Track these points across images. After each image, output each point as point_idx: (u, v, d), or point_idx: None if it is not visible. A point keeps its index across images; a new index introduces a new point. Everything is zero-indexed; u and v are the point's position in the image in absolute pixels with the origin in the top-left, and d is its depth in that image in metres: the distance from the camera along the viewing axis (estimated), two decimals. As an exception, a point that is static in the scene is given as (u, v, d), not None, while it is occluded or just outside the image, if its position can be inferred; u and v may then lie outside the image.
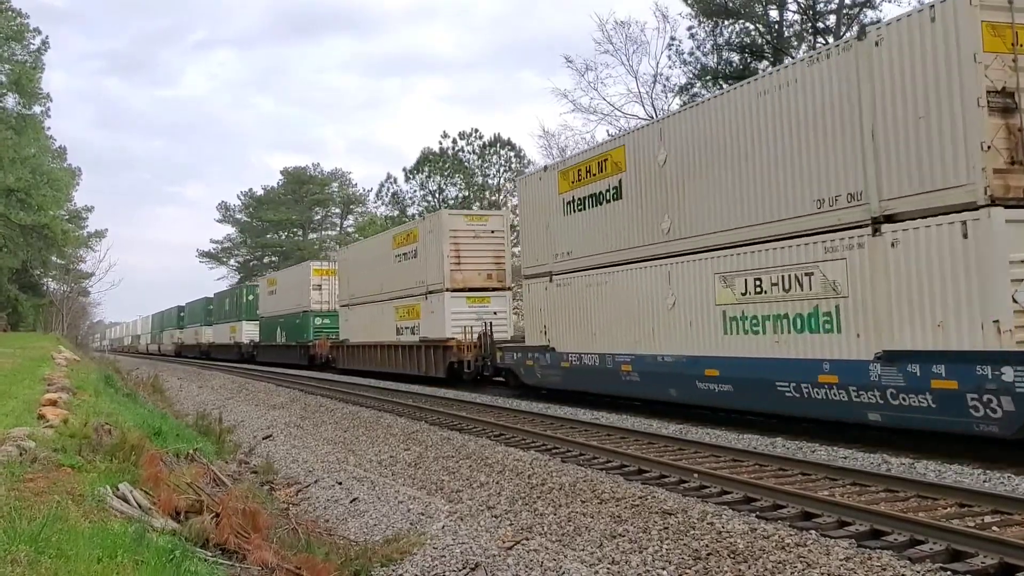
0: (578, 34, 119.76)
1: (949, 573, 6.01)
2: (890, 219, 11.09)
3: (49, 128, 56.75)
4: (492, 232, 27.30)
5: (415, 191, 69.91)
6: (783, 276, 12.77)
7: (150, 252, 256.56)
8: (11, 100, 52.07)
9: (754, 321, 13.42)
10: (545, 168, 21.18)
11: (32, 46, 51.61)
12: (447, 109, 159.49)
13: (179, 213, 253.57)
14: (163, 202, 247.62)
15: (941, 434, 10.73)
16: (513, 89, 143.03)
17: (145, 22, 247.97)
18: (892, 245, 10.99)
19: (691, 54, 35.86)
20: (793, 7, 33.96)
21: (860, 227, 11.51)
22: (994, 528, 7.08)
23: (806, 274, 12.33)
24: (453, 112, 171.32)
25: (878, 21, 24.04)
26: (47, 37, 52.25)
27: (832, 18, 32.62)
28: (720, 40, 34.95)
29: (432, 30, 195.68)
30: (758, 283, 13.27)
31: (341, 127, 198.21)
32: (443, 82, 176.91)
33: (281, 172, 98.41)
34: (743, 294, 13.57)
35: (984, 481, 9.14)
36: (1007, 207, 9.89)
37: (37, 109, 53.84)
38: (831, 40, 31.55)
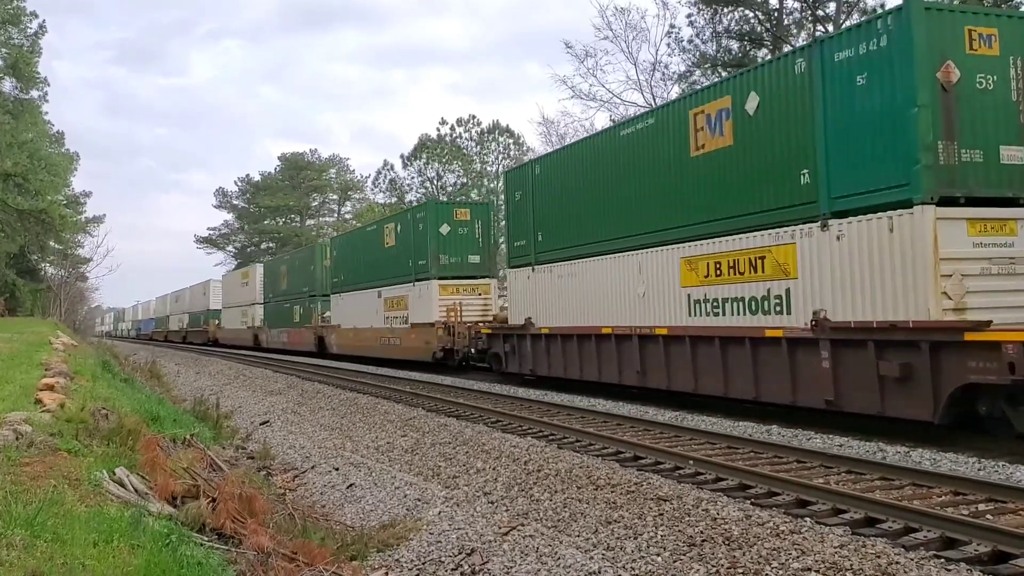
0: (583, 25, 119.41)
1: (943, 560, 6.03)
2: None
3: (47, 113, 56.60)
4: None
5: (413, 178, 69.86)
6: None
7: (153, 238, 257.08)
8: (8, 84, 51.93)
9: None
10: None
11: (29, 30, 51.38)
12: (452, 99, 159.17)
13: (183, 200, 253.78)
14: (167, 189, 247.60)
15: (936, 423, 10.72)
16: (518, 80, 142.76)
17: (155, 14, 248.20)
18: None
19: (690, 42, 35.78)
20: (793, -6, 33.85)
21: None
22: (988, 516, 7.11)
23: None
24: (458, 102, 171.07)
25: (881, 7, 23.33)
26: (44, 21, 52.00)
27: (832, 6, 32.50)
28: (719, 28, 34.84)
29: (439, 21, 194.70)
30: None
31: (346, 116, 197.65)
32: (449, 72, 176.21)
33: (279, 158, 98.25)
34: None
35: (979, 469, 9.18)
36: None
37: (35, 94, 53.72)
38: (830, 28, 31.47)
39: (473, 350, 23.93)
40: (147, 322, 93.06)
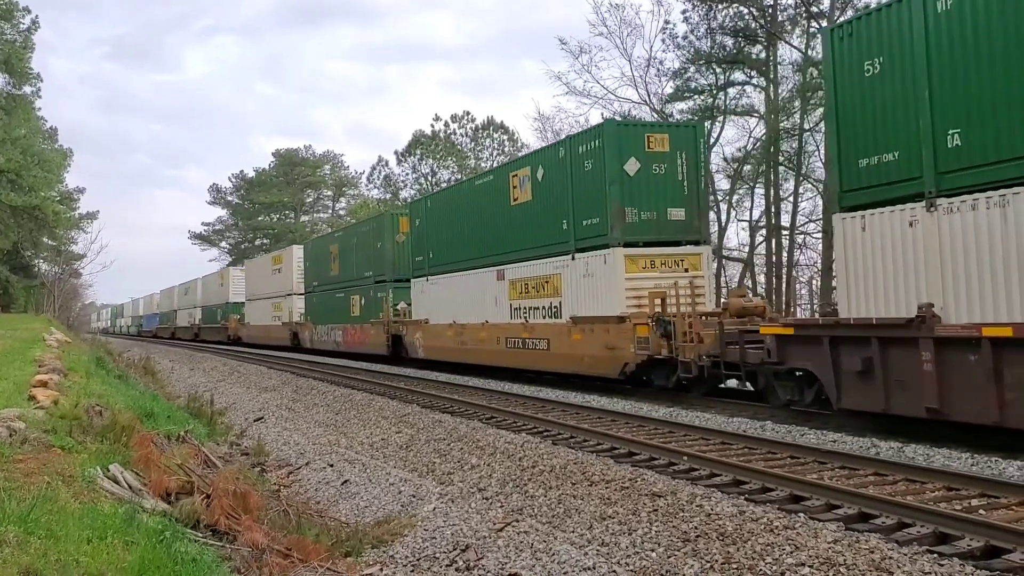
0: (579, 22, 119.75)
1: (936, 556, 6.05)
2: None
3: (40, 109, 56.51)
4: None
5: (407, 174, 69.82)
6: None
7: (149, 235, 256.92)
8: (1, 80, 51.82)
9: None
10: None
11: (22, 25, 51.23)
12: (448, 96, 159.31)
13: (178, 196, 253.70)
14: (163, 185, 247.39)
15: (930, 420, 10.74)
16: (514, 76, 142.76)
17: (150, 10, 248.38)
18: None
19: (685, 38, 35.77)
20: (787, -9, 33.88)
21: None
22: (981, 511, 7.14)
23: None
24: (454, 98, 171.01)
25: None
26: (37, 17, 51.87)
27: (826, 1, 32.52)
28: (714, 24, 34.85)
29: (435, 18, 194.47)
30: None
31: (341, 113, 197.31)
32: (445, 69, 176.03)
33: (273, 154, 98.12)
34: None
35: (972, 465, 9.20)
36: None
37: (28, 89, 53.61)
38: (824, 24, 31.51)
39: (707, 362, 14.52)
40: (150, 318, 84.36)
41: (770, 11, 33.82)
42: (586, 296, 17.86)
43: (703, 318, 15.65)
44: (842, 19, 18.18)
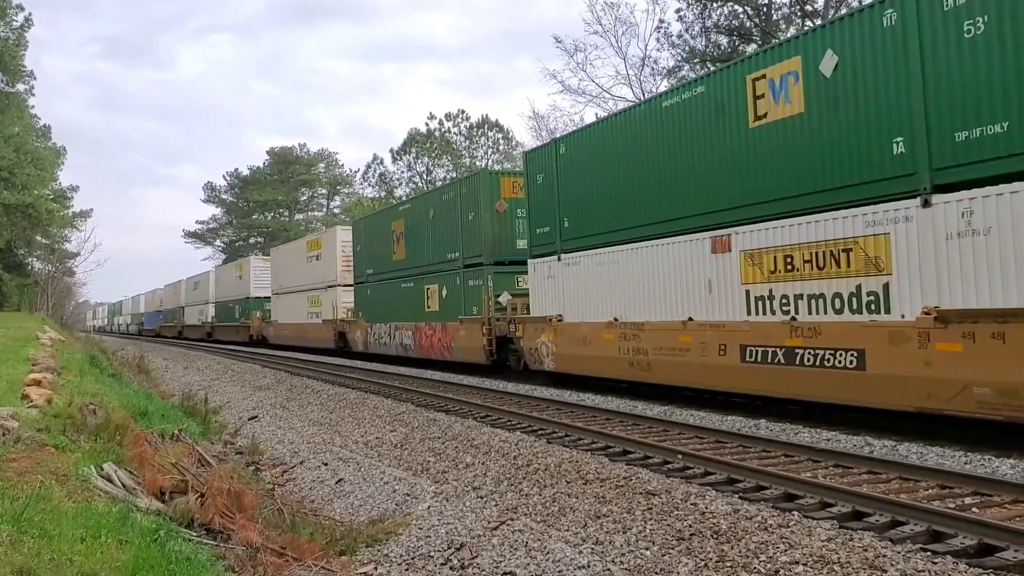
0: (575, 20, 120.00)
1: (929, 553, 6.07)
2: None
3: (33, 107, 56.40)
4: None
5: (402, 172, 69.82)
6: None
7: (144, 233, 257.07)
8: (-6, 78, 51.69)
9: None
10: None
11: (15, 23, 51.12)
12: (444, 94, 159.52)
13: (173, 195, 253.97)
14: (158, 184, 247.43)
15: (925, 415, 10.77)
16: (510, 75, 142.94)
17: (145, 8, 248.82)
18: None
19: (679, 36, 35.84)
20: (782, -11, 33.93)
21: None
22: (974, 509, 7.15)
23: None
24: (450, 97, 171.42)
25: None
26: (30, 14, 51.85)
27: (820, 0, 32.57)
28: (708, 23, 34.91)
29: (431, 16, 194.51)
30: None
31: (336, 111, 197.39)
32: (440, 67, 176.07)
33: (267, 152, 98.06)
34: None
35: (965, 463, 9.23)
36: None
37: (21, 87, 53.47)
38: (818, 23, 31.54)
39: None
40: (152, 315, 76.12)
41: (765, 10, 33.87)
42: (967, 271, 9.96)
43: None
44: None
